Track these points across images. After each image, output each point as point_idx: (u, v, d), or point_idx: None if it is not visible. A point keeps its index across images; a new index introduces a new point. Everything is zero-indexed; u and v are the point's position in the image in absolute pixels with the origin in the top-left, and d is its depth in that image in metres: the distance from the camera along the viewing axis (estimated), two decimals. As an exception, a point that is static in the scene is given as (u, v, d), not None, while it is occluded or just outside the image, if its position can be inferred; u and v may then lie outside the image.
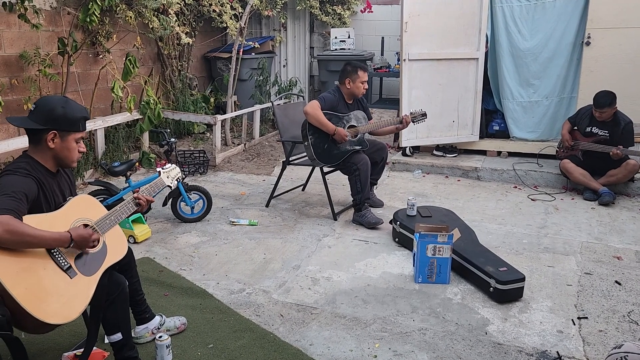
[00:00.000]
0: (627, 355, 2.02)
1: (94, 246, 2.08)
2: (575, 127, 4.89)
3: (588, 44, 5.09)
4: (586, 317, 2.81)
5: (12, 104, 4.77)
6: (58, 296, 1.93)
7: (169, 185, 2.53)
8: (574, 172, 4.70)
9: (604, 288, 3.12)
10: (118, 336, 2.23)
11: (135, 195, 2.31)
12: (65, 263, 2.00)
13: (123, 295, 2.20)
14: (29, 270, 1.89)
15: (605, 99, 4.49)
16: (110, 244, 2.21)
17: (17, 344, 1.97)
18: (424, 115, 4.24)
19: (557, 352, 2.51)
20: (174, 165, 2.60)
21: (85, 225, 2.13)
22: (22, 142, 4.33)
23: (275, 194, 4.56)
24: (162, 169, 2.54)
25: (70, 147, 2.15)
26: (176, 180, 2.57)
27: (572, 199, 4.71)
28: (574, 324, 2.75)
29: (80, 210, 2.16)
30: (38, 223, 1.95)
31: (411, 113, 4.26)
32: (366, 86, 4.15)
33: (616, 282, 3.18)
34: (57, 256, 1.98)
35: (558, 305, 2.93)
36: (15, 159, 2.13)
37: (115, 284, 2.18)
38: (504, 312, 2.85)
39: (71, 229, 2.02)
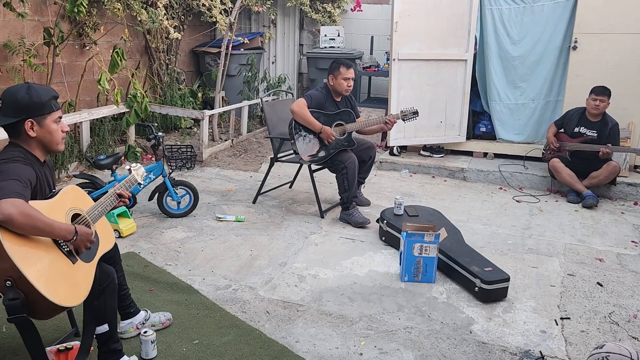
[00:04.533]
0: (608, 355, 2.06)
1: (89, 248, 2.08)
2: (561, 130, 4.96)
3: (575, 48, 5.16)
4: (569, 318, 2.85)
5: (-4, 94, 4.69)
6: (66, 280, 1.95)
7: (139, 183, 2.55)
8: (562, 172, 4.75)
9: (586, 289, 3.16)
10: (104, 327, 2.21)
11: (118, 192, 2.31)
12: (67, 249, 2.00)
13: (112, 285, 2.20)
14: (37, 254, 1.89)
15: (604, 88, 4.63)
16: (101, 234, 2.24)
17: (30, 328, 1.94)
18: (416, 113, 4.21)
19: (540, 351, 2.55)
20: (140, 165, 2.61)
21: (78, 215, 2.14)
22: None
23: (263, 190, 4.54)
24: (132, 166, 2.55)
25: (52, 130, 2.10)
26: (142, 177, 2.57)
27: (556, 201, 4.77)
28: (557, 324, 2.78)
29: (72, 199, 2.17)
30: (39, 209, 1.94)
31: (402, 111, 4.25)
32: (350, 83, 4.04)
33: (598, 283, 3.24)
34: (59, 242, 1.99)
35: (541, 305, 2.96)
36: (5, 149, 2.09)
37: (105, 274, 2.18)
38: (489, 312, 2.88)
39: (76, 225, 2.03)
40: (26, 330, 1.93)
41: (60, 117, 2.16)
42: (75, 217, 2.14)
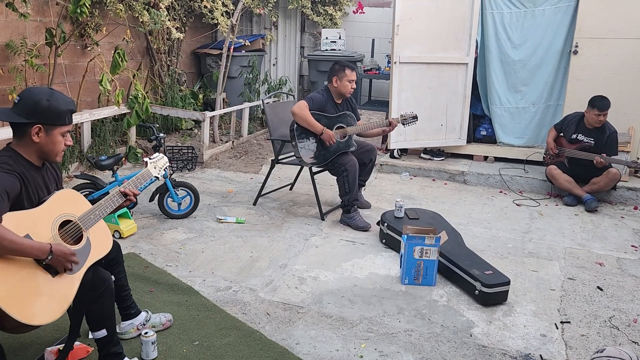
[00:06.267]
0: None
1: (70, 268, 1.98)
2: (561, 134, 4.97)
3: (575, 52, 5.17)
4: (569, 322, 2.85)
5: (-3, 93, 4.70)
6: (39, 297, 1.87)
7: (156, 177, 2.46)
8: (560, 179, 4.77)
9: (586, 293, 3.17)
10: (103, 332, 2.19)
11: (122, 190, 2.24)
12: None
13: (109, 291, 2.16)
14: (9, 269, 1.82)
15: (605, 101, 4.59)
16: (95, 240, 2.14)
17: None
18: (415, 117, 4.25)
19: (540, 355, 2.55)
20: (161, 155, 2.52)
21: (69, 222, 2.08)
22: (6, 133, 4.26)
23: (263, 192, 4.54)
24: (149, 159, 2.46)
25: (56, 141, 2.06)
26: (164, 169, 2.48)
27: (556, 205, 4.77)
28: (557, 328, 2.79)
29: (63, 205, 2.09)
30: (19, 220, 1.89)
31: (401, 115, 4.27)
32: (354, 85, 4.10)
33: (598, 287, 3.24)
34: None
35: (541, 309, 2.97)
36: None
37: (101, 279, 2.13)
38: (489, 315, 2.88)
39: (53, 242, 1.94)
40: None
41: (69, 131, 2.12)
42: (65, 224, 2.06)
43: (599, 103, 4.60)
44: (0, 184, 1.88)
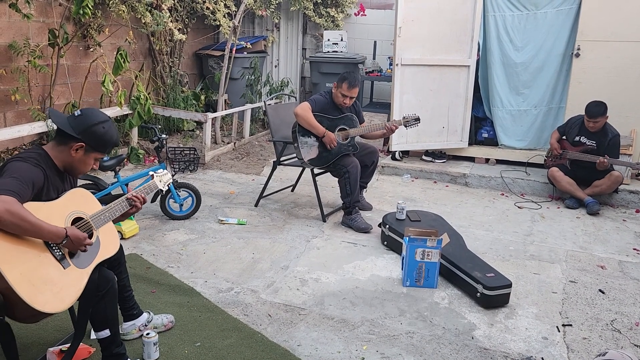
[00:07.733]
0: (611, 363, 2.05)
1: (84, 250, 2.06)
2: (564, 137, 4.97)
3: (577, 55, 5.17)
4: (570, 325, 2.85)
5: (0, 94, 4.70)
6: (51, 285, 1.92)
7: (160, 189, 2.61)
8: (562, 181, 4.77)
9: (588, 296, 3.16)
10: (106, 332, 2.20)
11: (131, 196, 2.32)
12: (60, 253, 1.99)
13: (112, 291, 2.18)
14: (24, 256, 1.88)
15: (598, 108, 4.57)
16: (104, 240, 2.21)
17: (6, 330, 1.94)
18: (417, 119, 4.26)
19: (542, 358, 2.55)
20: (166, 171, 2.66)
21: (80, 219, 2.13)
22: (7, 133, 4.27)
23: (265, 193, 4.55)
24: (155, 173, 2.61)
25: (87, 163, 2.20)
26: (167, 185, 2.64)
27: (558, 207, 4.77)
28: (559, 331, 2.78)
29: (77, 203, 2.17)
30: (35, 210, 1.95)
31: (404, 117, 4.28)
32: (347, 101, 4.04)
33: (600, 290, 3.24)
34: (52, 245, 1.98)
35: (543, 312, 2.97)
36: (28, 149, 2.16)
37: (105, 279, 2.16)
38: (490, 318, 2.88)
39: (68, 227, 2.01)
40: (2, 334, 1.95)
41: (100, 159, 2.27)
42: (77, 220, 2.13)
43: (590, 109, 4.61)
44: (28, 174, 1.99)
